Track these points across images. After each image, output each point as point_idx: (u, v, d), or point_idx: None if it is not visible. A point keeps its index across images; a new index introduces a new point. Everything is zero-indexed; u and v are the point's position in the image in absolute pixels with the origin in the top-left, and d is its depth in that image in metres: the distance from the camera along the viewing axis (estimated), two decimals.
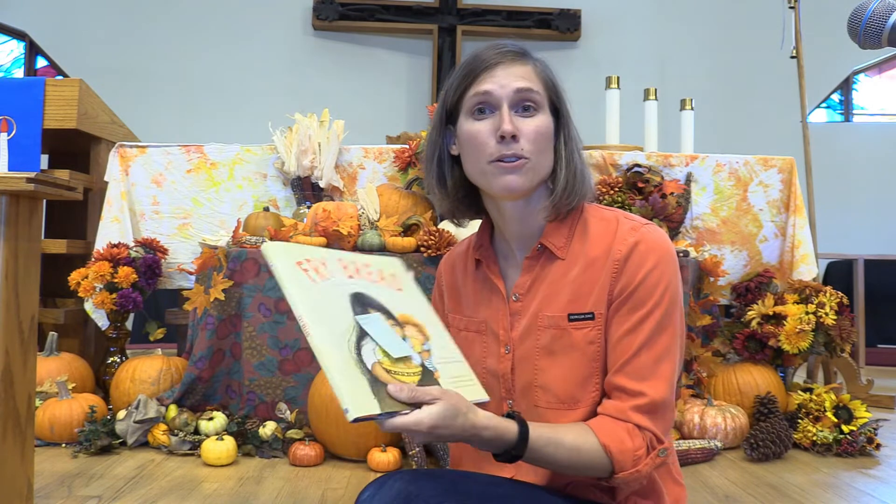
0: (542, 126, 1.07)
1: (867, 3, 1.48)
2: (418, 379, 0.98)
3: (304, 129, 2.92)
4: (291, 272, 1.00)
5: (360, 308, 1.02)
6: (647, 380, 1.02)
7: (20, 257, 1.20)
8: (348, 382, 0.92)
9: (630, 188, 2.90)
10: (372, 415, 0.91)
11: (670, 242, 1.09)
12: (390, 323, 1.02)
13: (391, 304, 1.05)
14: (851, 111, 6.20)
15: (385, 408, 0.91)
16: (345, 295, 1.02)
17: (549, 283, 1.10)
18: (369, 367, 0.95)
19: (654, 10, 5.95)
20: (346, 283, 1.04)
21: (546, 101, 1.09)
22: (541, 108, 1.08)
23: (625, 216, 1.11)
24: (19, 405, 1.20)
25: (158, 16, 5.70)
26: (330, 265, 1.05)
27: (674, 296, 1.05)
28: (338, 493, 1.97)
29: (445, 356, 1.04)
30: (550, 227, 1.12)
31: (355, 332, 0.98)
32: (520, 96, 1.06)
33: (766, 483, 2.12)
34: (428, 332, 1.06)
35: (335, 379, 0.92)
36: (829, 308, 2.64)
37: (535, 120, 1.07)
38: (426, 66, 5.81)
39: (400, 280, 1.12)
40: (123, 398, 2.49)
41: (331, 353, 0.95)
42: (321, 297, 1.00)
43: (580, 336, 1.06)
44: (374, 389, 0.93)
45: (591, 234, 1.10)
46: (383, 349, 0.98)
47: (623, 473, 1.00)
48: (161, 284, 2.93)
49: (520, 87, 1.06)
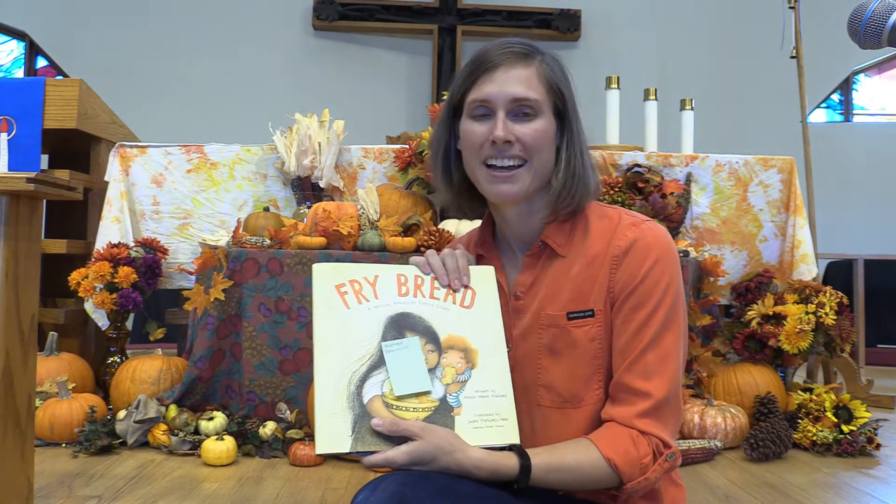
0: (540, 130, 1.07)
1: (867, 3, 1.48)
2: (426, 415, 0.97)
3: (305, 129, 2.92)
4: (326, 297, 1.02)
5: (396, 332, 1.01)
6: (653, 378, 1.02)
7: (20, 257, 1.20)
8: (328, 417, 0.95)
9: (630, 188, 2.90)
10: (340, 451, 0.94)
11: (671, 239, 1.09)
12: (428, 349, 1.01)
13: (442, 326, 1.03)
14: (851, 111, 6.20)
15: (358, 447, 0.94)
16: (381, 319, 1.02)
17: (550, 281, 1.10)
18: (365, 401, 0.96)
19: (654, 10, 5.95)
20: (391, 303, 1.03)
21: (547, 104, 1.08)
22: (539, 112, 1.07)
23: (626, 213, 1.11)
24: (19, 405, 1.20)
25: (159, 16, 5.69)
26: (382, 284, 1.04)
27: (677, 292, 1.05)
28: (338, 493, 1.97)
29: (485, 389, 1.02)
30: (552, 225, 1.11)
31: (371, 360, 0.99)
32: (516, 104, 1.06)
33: (766, 483, 2.12)
34: (478, 359, 1.03)
35: (317, 411, 0.96)
36: (829, 308, 2.64)
37: (532, 125, 1.07)
38: (426, 66, 5.81)
39: (479, 294, 1.08)
40: (123, 398, 2.49)
41: (324, 384, 0.97)
42: (349, 323, 1.01)
43: (581, 334, 1.06)
44: (356, 425, 0.95)
45: (593, 231, 1.10)
46: (391, 383, 0.98)
47: (631, 483, 1.00)
48: (161, 284, 2.93)
49: (516, 95, 1.06)
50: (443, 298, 1.06)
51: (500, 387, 1.03)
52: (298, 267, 2.49)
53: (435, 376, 1.00)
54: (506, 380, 1.03)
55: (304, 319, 2.47)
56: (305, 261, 2.49)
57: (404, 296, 1.04)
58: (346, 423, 0.95)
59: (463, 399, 1.00)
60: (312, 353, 1.00)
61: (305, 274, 2.49)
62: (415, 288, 1.05)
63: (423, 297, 1.05)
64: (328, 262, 1.08)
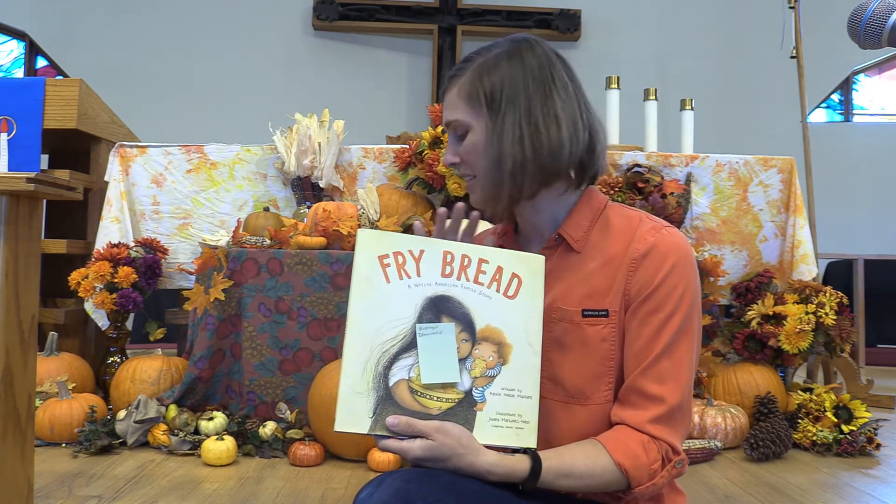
0: (469, 145, 1.10)
1: (867, 3, 1.49)
2: (450, 406, 0.96)
3: (304, 130, 2.92)
4: (367, 267, 0.98)
5: (432, 315, 0.98)
6: (667, 384, 1.02)
7: (20, 257, 1.20)
8: (351, 395, 0.93)
9: (630, 188, 2.90)
10: (358, 432, 0.92)
11: (689, 246, 1.09)
12: (462, 337, 0.98)
13: (480, 315, 1.00)
14: (851, 111, 6.20)
15: (377, 429, 0.92)
16: (419, 299, 0.98)
17: (564, 276, 1.10)
18: (391, 384, 0.94)
19: (654, 10, 5.95)
20: (433, 284, 0.99)
21: (472, 115, 1.08)
22: (469, 128, 1.09)
23: (647, 216, 1.11)
24: (19, 405, 1.20)
25: (159, 16, 5.70)
26: (427, 261, 1.00)
27: (693, 300, 1.05)
28: (338, 493, 1.97)
29: (512, 387, 0.99)
30: (570, 220, 1.12)
31: (403, 341, 0.96)
32: (451, 128, 1.13)
33: (766, 483, 2.12)
34: (511, 355, 1.00)
35: (341, 386, 0.94)
36: (829, 308, 2.64)
37: (465, 142, 1.10)
38: (426, 66, 5.81)
39: (525, 284, 1.03)
40: (123, 398, 2.49)
41: (352, 361, 0.95)
42: (387, 299, 0.97)
43: (593, 332, 1.06)
44: (378, 407, 0.93)
45: (613, 230, 1.10)
46: (419, 368, 0.96)
47: (640, 488, 1.00)
48: (161, 284, 2.93)
49: (448, 120, 1.12)
50: (486, 284, 1.01)
51: (528, 388, 1.00)
52: (298, 267, 2.49)
53: (464, 367, 0.98)
54: (535, 381, 1.01)
55: (304, 319, 2.47)
56: (305, 261, 2.49)
57: (447, 276, 1.00)
58: (368, 404, 0.93)
59: (488, 395, 0.98)
60: (345, 321, 0.96)
61: (305, 274, 2.49)
62: (460, 269, 1.01)
63: (466, 280, 1.01)
64: (372, 230, 1.03)
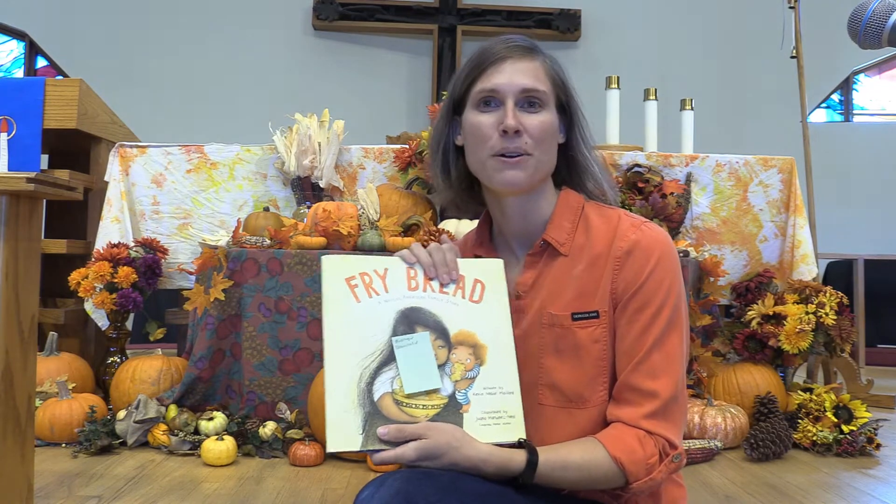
0: (546, 122, 1.08)
1: (867, 3, 1.49)
2: (436, 412, 0.97)
3: (304, 130, 2.92)
4: (335, 290, 1.01)
5: (406, 327, 1.01)
6: (659, 378, 1.02)
7: (20, 257, 1.20)
8: (339, 415, 0.95)
9: (630, 188, 2.90)
10: (351, 450, 0.94)
11: (671, 240, 1.10)
12: (438, 344, 1.01)
13: (452, 321, 1.03)
14: (851, 111, 6.20)
15: (368, 444, 0.94)
16: (391, 313, 1.01)
17: (552, 280, 1.10)
18: (375, 398, 0.96)
19: (654, 11, 5.95)
20: (401, 298, 1.02)
21: (552, 98, 1.10)
22: (546, 105, 1.08)
23: (625, 214, 1.12)
24: (19, 405, 1.20)
25: (158, 16, 5.70)
26: (392, 277, 1.03)
27: (679, 293, 1.06)
28: (338, 493, 1.97)
29: (493, 386, 1.01)
30: (553, 223, 1.12)
31: (381, 356, 0.98)
32: (525, 94, 1.07)
33: (766, 483, 2.12)
34: (486, 355, 1.03)
35: (327, 408, 0.95)
36: (829, 308, 2.64)
37: (539, 116, 1.07)
38: (426, 66, 5.81)
39: (488, 288, 1.07)
40: (123, 398, 2.49)
41: (336, 381, 0.96)
42: (359, 318, 1.00)
43: (585, 335, 1.06)
44: (367, 423, 0.95)
45: (594, 231, 1.10)
46: (401, 380, 0.97)
47: (637, 483, 1.00)
48: (161, 284, 2.93)
49: (526, 85, 1.07)
50: (452, 293, 1.04)
51: (508, 383, 1.02)
52: (298, 267, 2.49)
53: (444, 373, 1.00)
54: (513, 376, 1.03)
55: (304, 319, 2.47)
56: (305, 261, 2.49)
57: (414, 290, 1.03)
58: (356, 421, 0.95)
59: (471, 396, 1.00)
60: (322, 345, 0.99)
61: (305, 274, 2.49)
62: (424, 282, 1.04)
63: (432, 291, 1.04)
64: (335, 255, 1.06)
